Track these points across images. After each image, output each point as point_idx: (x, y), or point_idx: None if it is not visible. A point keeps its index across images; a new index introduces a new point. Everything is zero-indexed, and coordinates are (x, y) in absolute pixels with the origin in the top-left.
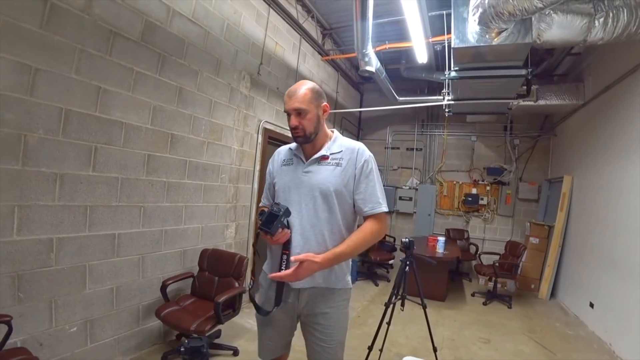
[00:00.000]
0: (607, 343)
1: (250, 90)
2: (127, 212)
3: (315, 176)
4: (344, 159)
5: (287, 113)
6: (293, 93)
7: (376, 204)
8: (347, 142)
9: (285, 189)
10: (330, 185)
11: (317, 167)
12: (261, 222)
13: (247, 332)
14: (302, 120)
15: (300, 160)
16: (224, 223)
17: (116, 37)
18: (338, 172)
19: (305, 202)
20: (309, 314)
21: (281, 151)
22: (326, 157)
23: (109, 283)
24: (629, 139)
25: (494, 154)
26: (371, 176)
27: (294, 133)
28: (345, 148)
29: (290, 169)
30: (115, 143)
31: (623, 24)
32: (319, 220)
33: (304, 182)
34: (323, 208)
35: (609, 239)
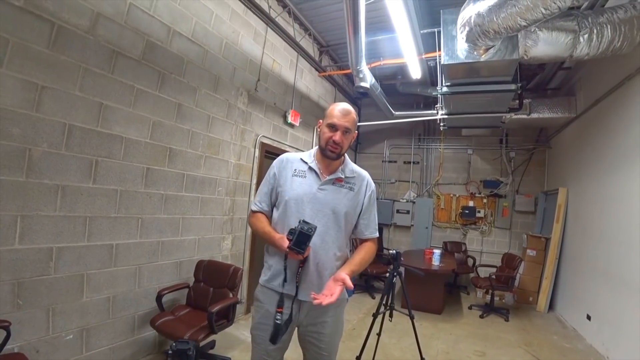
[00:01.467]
0: (605, 356)
1: (247, 105)
2: (125, 223)
3: (331, 195)
4: (356, 184)
5: (332, 126)
6: (347, 112)
7: (375, 229)
8: (357, 168)
9: (298, 200)
10: (343, 207)
11: (332, 187)
12: (292, 242)
13: (242, 344)
14: (344, 138)
15: (315, 175)
16: (220, 235)
17: (118, 57)
18: (351, 196)
19: (319, 218)
20: (310, 324)
21: (291, 159)
22: (341, 179)
23: (106, 292)
24: (619, 152)
25: (491, 167)
26: (374, 205)
27: (331, 147)
28: (357, 175)
29: (304, 181)
30: (115, 156)
31: (608, 39)
32: (329, 237)
33: (319, 199)
34: (333, 226)
35: (604, 251)
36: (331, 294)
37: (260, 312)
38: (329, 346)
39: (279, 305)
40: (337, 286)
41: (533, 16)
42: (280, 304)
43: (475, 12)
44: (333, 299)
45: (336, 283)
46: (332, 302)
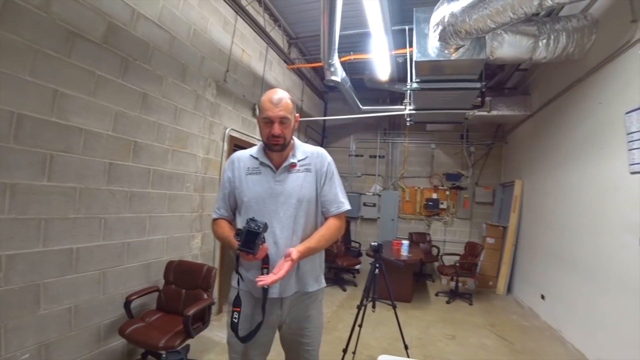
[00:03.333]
0: (558, 330)
1: (216, 97)
2: (86, 224)
3: (290, 184)
4: (311, 164)
5: (267, 120)
6: (278, 101)
7: (340, 203)
8: (309, 147)
9: (258, 199)
10: (306, 192)
11: (288, 175)
12: (240, 243)
13: (217, 346)
14: (284, 129)
15: (268, 169)
16: (189, 233)
17: (76, 39)
18: (310, 178)
19: (284, 210)
20: (293, 320)
21: (242, 158)
22: (294, 164)
23: (66, 302)
24: (569, 147)
25: (452, 161)
26: (334, 178)
27: (273, 141)
28: (310, 154)
29: (259, 178)
30: (74, 151)
31: (562, 45)
32: (298, 227)
33: (279, 191)
34: (302, 214)
35: (555, 236)
36: (276, 272)
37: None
38: (314, 340)
39: (235, 304)
40: (285, 263)
41: (502, 19)
42: (237, 302)
43: (449, 12)
44: (278, 275)
45: (285, 259)
46: (277, 279)
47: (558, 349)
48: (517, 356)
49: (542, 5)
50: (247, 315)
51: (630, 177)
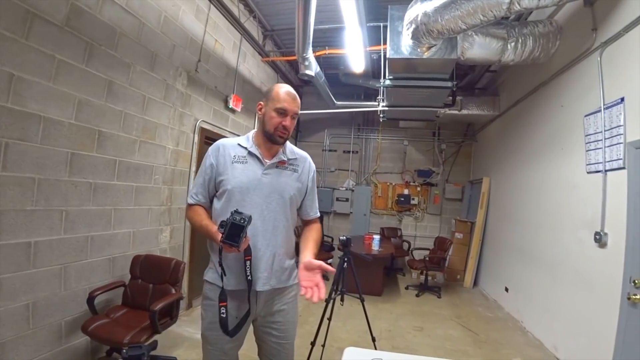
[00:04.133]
0: (520, 321)
1: (187, 87)
2: (45, 217)
3: (277, 179)
4: (299, 166)
5: (281, 111)
6: (295, 96)
7: (317, 209)
8: (297, 149)
9: (242, 189)
10: (290, 190)
11: (276, 171)
12: (224, 235)
13: (186, 341)
14: (292, 124)
15: (257, 160)
16: (157, 227)
17: (35, 19)
18: (295, 178)
19: (267, 203)
20: (267, 314)
21: (227, 145)
22: (284, 162)
23: (24, 298)
24: (533, 146)
25: (424, 158)
26: (315, 186)
27: (280, 134)
28: (299, 156)
29: (246, 167)
30: (32, 139)
31: (529, 49)
32: (279, 222)
33: (265, 184)
34: (282, 210)
35: (519, 232)
36: (316, 284)
37: (212, 310)
38: (288, 334)
39: (221, 299)
40: (316, 274)
41: (472, 21)
42: (223, 297)
43: (422, 11)
44: (322, 288)
45: (313, 272)
46: (322, 295)
47: (519, 339)
48: (481, 346)
49: (511, 10)
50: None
51: (587, 176)
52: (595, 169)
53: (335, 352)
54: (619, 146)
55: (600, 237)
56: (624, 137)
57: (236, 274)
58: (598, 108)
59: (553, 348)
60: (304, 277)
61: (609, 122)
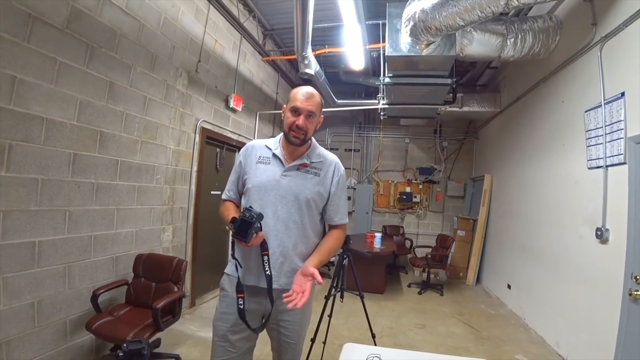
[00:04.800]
0: (522, 318)
1: (187, 88)
2: (49, 217)
3: (294, 181)
4: (322, 170)
5: (294, 110)
6: (310, 95)
7: (344, 215)
8: (325, 152)
9: (260, 188)
10: (308, 193)
11: (296, 173)
12: (235, 231)
13: (189, 339)
14: (308, 123)
15: (279, 162)
16: (160, 226)
17: (36, 22)
18: (315, 182)
19: (282, 204)
20: (277, 311)
21: (256, 146)
22: (306, 165)
23: (29, 297)
24: (535, 143)
25: (426, 155)
26: (343, 190)
27: (295, 133)
28: (324, 159)
29: (267, 168)
30: (35, 140)
31: (529, 44)
32: (293, 223)
33: (282, 186)
34: (298, 212)
35: (521, 228)
36: (302, 292)
37: (225, 301)
38: (296, 334)
39: (239, 291)
40: (307, 282)
41: (470, 17)
42: (240, 289)
43: (420, 8)
44: (306, 297)
45: (306, 278)
46: (305, 301)
47: (521, 335)
48: (483, 343)
49: (509, 5)
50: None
51: (588, 172)
52: (596, 164)
53: (337, 349)
54: (619, 141)
55: (602, 233)
56: (625, 132)
57: (252, 269)
58: (598, 103)
59: (555, 344)
60: (297, 281)
61: (610, 117)
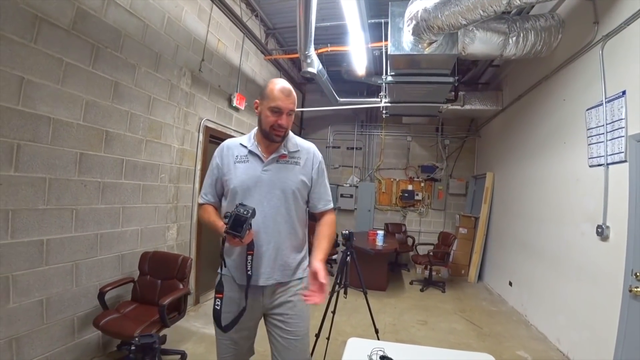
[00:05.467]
0: (524, 315)
1: (191, 87)
2: (56, 215)
3: (276, 175)
4: (301, 158)
5: (276, 109)
6: (289, 93)
7: (328, 201)
8: (301, 141)
9: (243, 187)
10: (291, 184)
11: (276, 166)
12: (228, 226)
13: (194, 335)
14: (289, 120)
15: (257, 158)
16: (164, 224)
17: (42, 24)
18: (297, 171)
19: (267, 199)
20: (273, 306)
21: (231, 146)
22: (284, 155)
23: (37, 295)
24: (536, 141)
25: (427, 153)
26: (323, 176)
27: (277, 132)
28: (302, 148)
29: (247, 166)
30: (42, 140)
31: (531, 43)
32: (281, 217)
33: (264, 181)
34: (284, 205)
35: (522, 226)
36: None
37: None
38: (298, 329)
39: (217, 290)
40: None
41: (472, 16)
42: (219, 288)
43: (422, 8)
44: (323, 296)
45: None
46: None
47: (522, 332)
48: (485, 339)
49: (511, 4)
50: (234, 300)
51: (589, 170)
52: (597, 162)
53: (340, 345)
54: (620, 139)
55: (602, 230)
56: (626, 130)
57: (240, 268)
58: (600, 101)
59: (556, 341)
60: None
61: (611, 116)
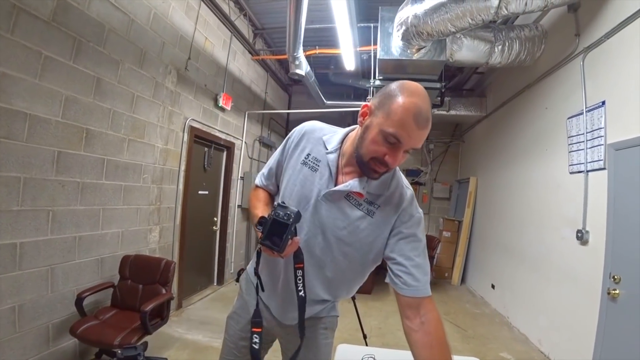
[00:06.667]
0: (506, 317)
1: (176, 85)
2: (31, 217)
3: (334, 214)
4: (379, 206)
5: (394, 140)
6: (426, 123)
7: (424, 285)
8: (397, 181)
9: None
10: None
11: (341, 202)
12: (263, 235)
13: (177, 341)
14: (402, 159)
15: (329, 175)
16: (147, 227)
17: (21, 14)
18: (364, 225)
19: (314, 234)
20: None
21: (312, 137)
22: (360, 195)
23: (9, 301)
24: (518, 147)
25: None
26: (417, 241)
27: (377, 169)
28: (392, 192)
29: (311, 177)
30: (17, 137)
31: (515, 52)
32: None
33: (318, 212)
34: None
35: (505, 229)
36: None
37: (239, 301)
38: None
39: (255, 324)
40: None
41: (461, 24)
42: (257, 320)
43: (412, 13)
44: None
45: None
46: None
47: (505, 333)
48: (469, 341)
49: (498, 14)
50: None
51: (570, 176)
52: (578, 169)
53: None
54: (599, 147)
55: (582, 234)
56: (605, 139)
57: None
58: (580, 111)
59: (537, 342)
60: None
61: (591, 125)
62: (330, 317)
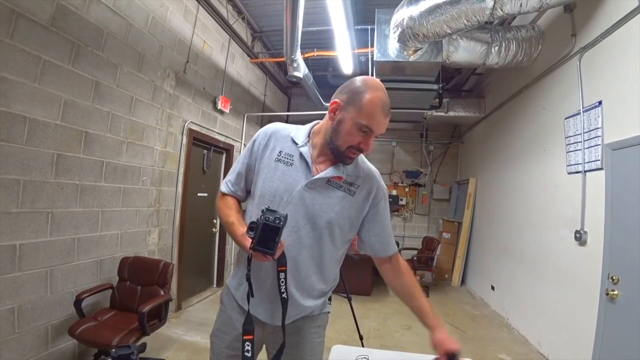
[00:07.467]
0: (505, 318)
1: (175, 88)
2: (30, 219)
3: (319, 200)
4: (360, 187)
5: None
6: (389, 111)
7: (393, 245)
8: (364, 162)
9: (275, 199)
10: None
11: (324, 188)
12: (255, 240)
13: (175, 343)
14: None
15: (305, 166)
16: (145, 229)
17: (20, 19)
18: (347, 203)
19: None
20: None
21: (280, 135)
22: (340, 177)
23: (8, 302)
24: (517, 148)
25: (412, 159)
26: (387, 216)
27: (352, 153)
28: (365, 174)
29: (288, 172)
30: (17, 140)
31: (512, 53)
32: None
33: (303, 202)
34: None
35: (504, 231)
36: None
37: (222, 317)
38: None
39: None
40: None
41: (457, 26)
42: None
43: (408, 15)
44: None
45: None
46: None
47: (505, 335)
48: (468, 343)
49: (494, 15)
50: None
51: (568, 177)
52: (575, 169)
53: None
54: (597, 148)
55: (581, 235)
56: (602, 139)
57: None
58: (577, 111)
59: (537, 343)
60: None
61: (588, 125)
62: (323, 314)
